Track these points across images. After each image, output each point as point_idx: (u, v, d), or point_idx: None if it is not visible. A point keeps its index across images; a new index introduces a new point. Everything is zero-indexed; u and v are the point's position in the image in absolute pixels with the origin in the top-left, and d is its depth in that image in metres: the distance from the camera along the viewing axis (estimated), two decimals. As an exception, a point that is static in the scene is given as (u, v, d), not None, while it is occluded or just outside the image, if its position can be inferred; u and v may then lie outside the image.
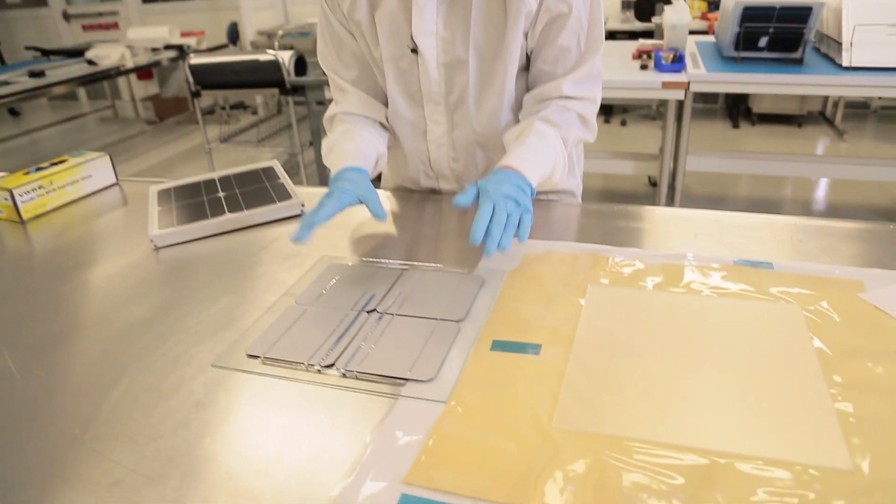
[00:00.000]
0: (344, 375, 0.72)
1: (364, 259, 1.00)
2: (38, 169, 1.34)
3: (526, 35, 1.03)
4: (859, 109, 5.11)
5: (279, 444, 0.62)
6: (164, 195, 1.29)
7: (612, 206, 1.16)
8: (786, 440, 0.59)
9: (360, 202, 0.99)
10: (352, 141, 1.10)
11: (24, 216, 1.27)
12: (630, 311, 0.80)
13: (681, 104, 2.85)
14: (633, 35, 4.71)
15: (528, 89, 1.12)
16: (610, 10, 5.30)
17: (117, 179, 1.47)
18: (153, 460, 0.62)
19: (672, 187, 3.16)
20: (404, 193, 1.29)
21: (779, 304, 0.80)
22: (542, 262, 0.94)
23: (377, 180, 1.24)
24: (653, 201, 3.54)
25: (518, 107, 1.13)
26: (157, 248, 1.10)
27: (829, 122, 4.87)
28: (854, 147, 4.32)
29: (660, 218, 1.12)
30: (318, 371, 0.73)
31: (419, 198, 1.26)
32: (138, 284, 0.99)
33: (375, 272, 0.95)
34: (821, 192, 3.65)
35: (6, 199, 1.26)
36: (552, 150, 1.03)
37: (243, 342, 0.79)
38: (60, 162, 1.39)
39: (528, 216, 0.91)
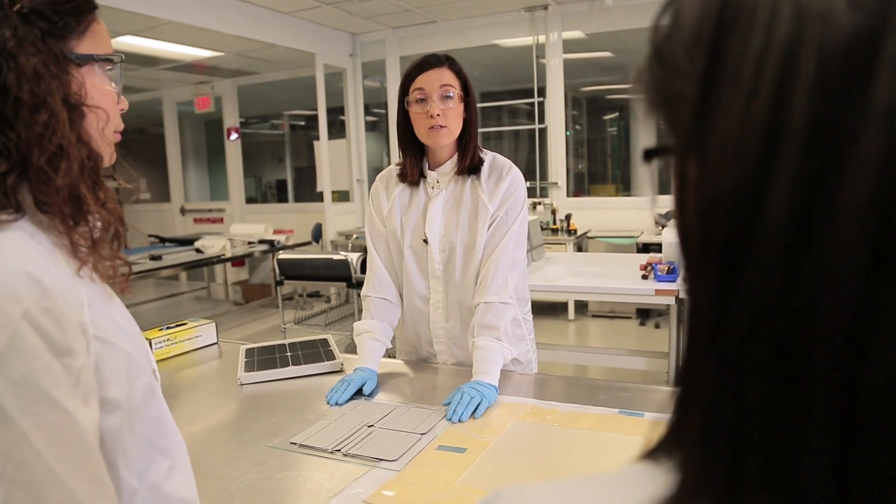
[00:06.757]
0: (345, 455, 1.19)
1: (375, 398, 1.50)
2: (168, 328, 1.95)
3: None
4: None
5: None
6: (249, 351, 1.86)
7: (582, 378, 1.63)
8: None
9: (364, 382, 1.54)
10: (371, 341, 1.65)
11: (155, 359, 1.84)
12: (533, 438, 1.25)
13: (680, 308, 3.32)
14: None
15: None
16: (646, 224, 6.04)
17: (217, 340, 2.05)
18: None
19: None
20: (409, 362, 1.80)
21: (631, 437, 1.23)
22: (496, 406, 1.40)
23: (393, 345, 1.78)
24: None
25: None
26: (241, 385, 1.63)
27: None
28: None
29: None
30: (331, 452, 1.20)
31: (418, 365, 1.77)
32: (224, 404, 1.51)
33: (376, 406, 1.44)
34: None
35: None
36: (496, 352, 1.52)
37: (290, 436, 1.28)
38: (183, 324, 1.99)
39: (485, 401, 1.40)
